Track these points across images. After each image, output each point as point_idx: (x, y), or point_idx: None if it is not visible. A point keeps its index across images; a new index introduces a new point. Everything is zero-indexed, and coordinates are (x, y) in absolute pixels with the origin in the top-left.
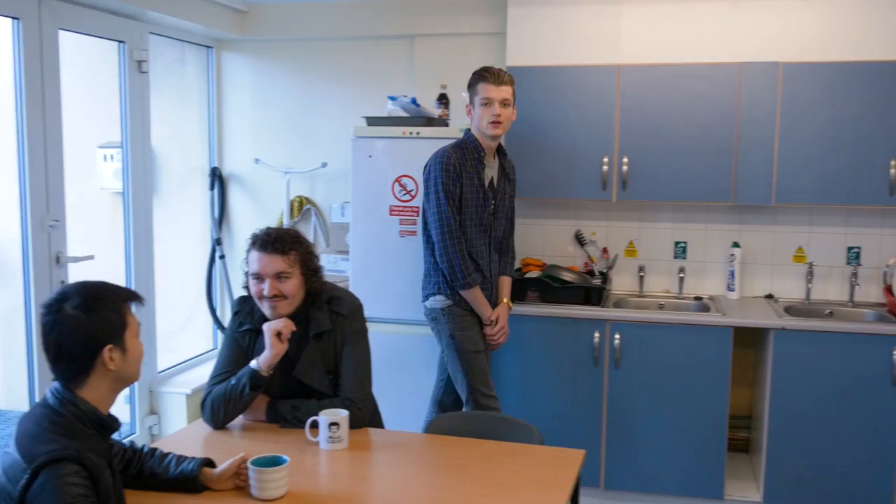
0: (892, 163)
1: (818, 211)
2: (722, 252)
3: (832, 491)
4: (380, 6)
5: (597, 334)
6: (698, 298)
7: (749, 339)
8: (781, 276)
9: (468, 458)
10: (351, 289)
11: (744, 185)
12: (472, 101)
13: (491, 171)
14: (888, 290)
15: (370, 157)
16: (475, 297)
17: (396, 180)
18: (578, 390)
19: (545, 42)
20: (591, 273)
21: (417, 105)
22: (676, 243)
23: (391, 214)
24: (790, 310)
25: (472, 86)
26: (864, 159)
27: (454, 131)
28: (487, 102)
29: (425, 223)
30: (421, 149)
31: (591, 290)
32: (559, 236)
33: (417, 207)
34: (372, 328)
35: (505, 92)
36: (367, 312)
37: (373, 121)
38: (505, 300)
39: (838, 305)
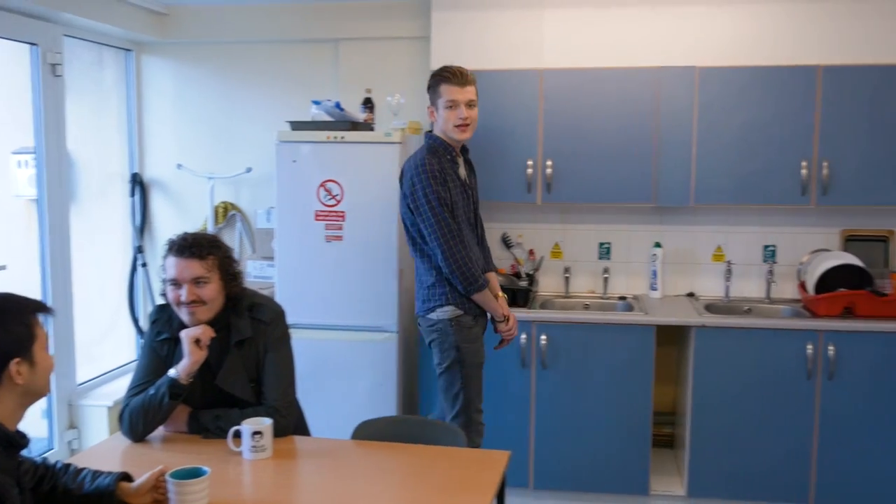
0: (804, 164)
1: (735, 211)
2: (644, 252)
3: (753, 482)
4: (304, 9)
5: (524, 336)
6: (622, 298)
7: (672, 337)
8: (702, 274)
9: (394, 463)
10: (277, 294)
11: (664, 186)
12: (434, 104)
13: (462, 170)
14: (802, 286)
15: (294, 161)
16: (487, 297)
17: (322, 185)
18: (507, 392)
19: (469, 46)
20: (517, 275)
21: (342, 109)
22: (601, 244)
23: (317, 219)
24: (710, 307)
25: (432, 87)
26: (777, 161)
27: (379, 135)
28: (453, 105)
29: (413, 238)
30: (345, 153)
31: (517, 292)
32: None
33: (343, 212)
34: (298, 334)
35: (470, 93)
36: (293, 318)
37: (297, 125)
38: (500, 294)
39: (756, 302)
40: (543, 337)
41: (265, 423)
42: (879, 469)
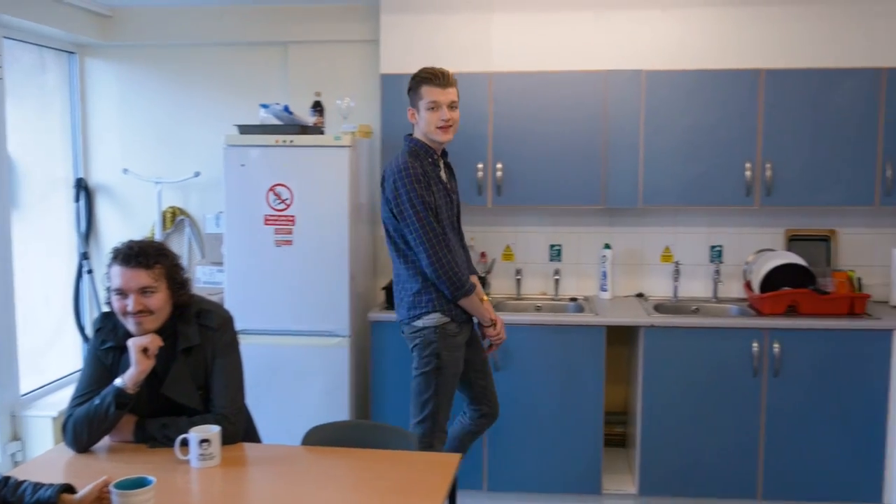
0: (748, 165)
1: (682, 212)
2: (595, 254)
3: (702, 479)
4: (252, 12)
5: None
6: (573, 299)
7: (622, 337)
8: (651, 275)
9: (344, 468)
10: (226, 300)
11: (613, 188)
12: (415, 106)
13: (443, 173)
14: (748, 285)
15: (243, 166)
16: (474, 302)
17: (271, 189)
18: (459, 395)
19: (418, 50)
20: None
21: (290, 113)
22: (551, 246)
23: (266, 224)
24: (659, 307)
25: (413, 89)
26: (722, 162)
27: (329, 139)
28: (434, 106)
29: (396, 244)
30: (295, 157)
31: None
32: None
33: (293, 216)
34: (248, 340)
35: (451, 94)
36: (243, 324)
37: (245, 129)
38: (485, 297)
39: (704, 302)
40: None
41: (213, 431)
42: (823, 462)
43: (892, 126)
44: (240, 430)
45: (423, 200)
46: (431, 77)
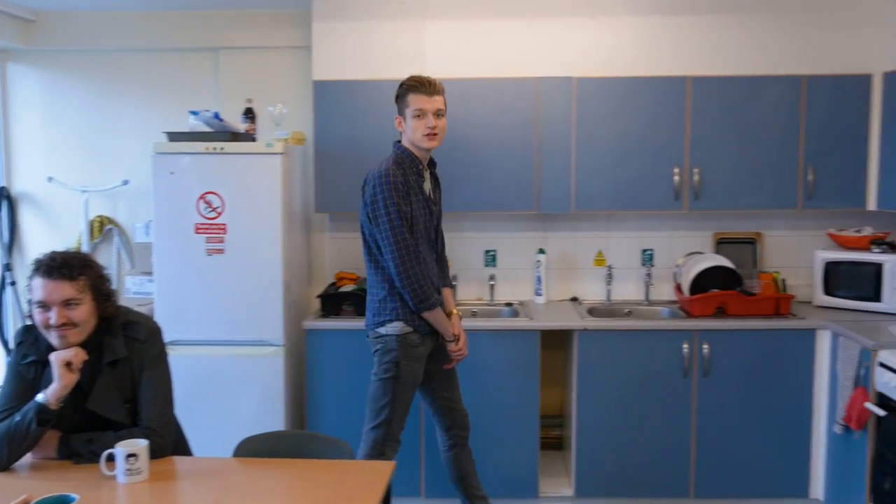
0: (676, 170)
1: (614, 217)
2: (529, 259)
3: (637, 479)
4: (181, 17)
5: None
6: (509, 304)
7: (557, 341)
8: (584, 279)
9: (277, 479)
10: (157, 311)
11: (546, 194)
12: (402, 114)
13: (427, 184)
14: (678, 288)
15: (172, 173)
16: (438, 317)
17: (201, 197)
18: (426, 408)
19: (351, 56)
20: None
21: (221, 120)
22: (486, 251)
23: (197, 232)
24: (592, 311)
25: (401, 97)
26: (651, 168)
27: (260, 146)
28: (420, 114)
29: (370, 248)
30: (226, 164)
31: None
32: None
33: (224, 225)
34: (180, 350)
35: (438, 102)
36: (174, 334)
37: (174, 136)
38: (455, 311)
39: (636, 304)
40: None
41: (140, 445)
42: (752, 459)
43: (813, 132)
44: (169, 443)
45: (399, 209)
46: (418, 85)
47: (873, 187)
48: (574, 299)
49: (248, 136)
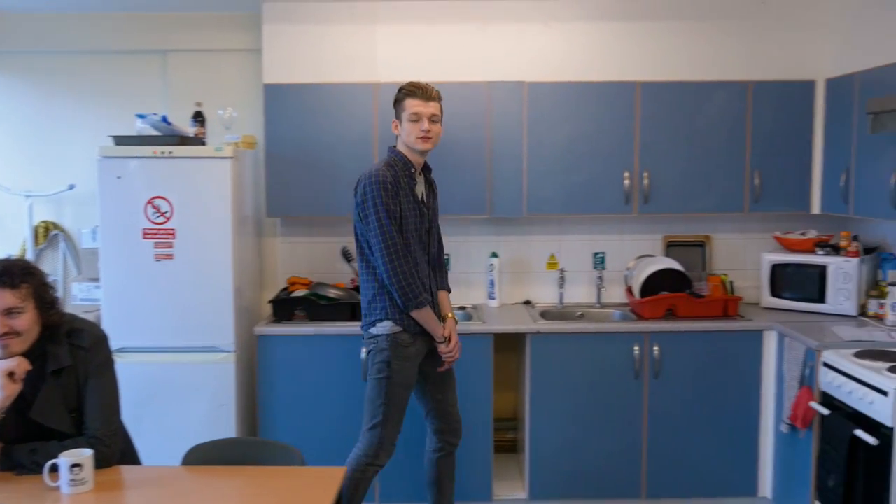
0: (626, 174)
1: (566, 221)
2: (482, 262)
3: (590, 480)
4: (129, 19)
5: (364, 350)
6: (462, 308)
7: (511, 344)
8: (537, 282)
9: (226, 487)
10: (104, 317)
11: (498, 198)
12: (398, 118)
13: (420, 188)
14: (629, 290)
15: (119, 178)
16: (427, 316)
17: (149, 202)
18: (350, 407)
19: (303, 60)
20: (357, 289)
21: (169, 123)
22: None
23: (145, 238)
24: (545, 314)
25: (398, 102)
26: (602, 172)
27: (210, 150)
28: (416, 118)
29: (362, 248)
30: (174, 169)
31: (357, 306)
32: (326, 254)
33: (173, 230)
34: (128, 358)
35: (433, 107)
36: (122, 342)
37: (121, 140)
38: (450, 314)
39: (588, 307)
40: None
41: (85, 455)
42: (702, 459)
43: (759, 137)
44: (115, 452)
45: (388, 208)
46: (415, 90)
47: (817, 191)
48: (527, 302)
49: (198, 140)
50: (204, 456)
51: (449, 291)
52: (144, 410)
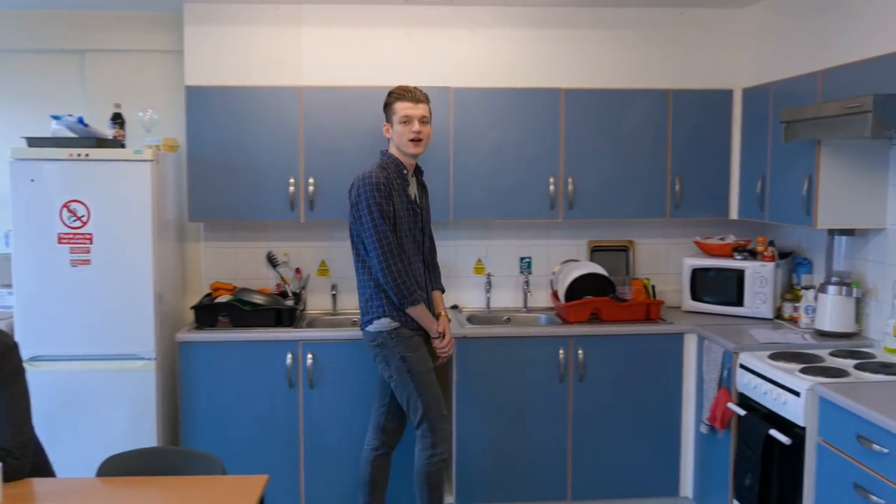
0: (551, 180)
1: (493, 226)
2: None
3: (517, 484)
4: (44, 17)
5: (290, 355)
6: None
7: None
8: (464, 287)
9: (143, 499)
10: (17, 325)
11: None
12: (389, 121)
13: (413, 189)
14: (555, 294)
15: (33, 181)
16: (422, 313)
17: (65, 206)
18: (275, 413)
19: (226, 62)
20: (283, 294)
21: (85, 125)
22: None
23: (60, 243)
24: (472, 319)
25: (388, 105)
26: (528, 177)
27: (128, 153)
28: (407, 120)
29: (357, 248)
30: (91, 172)
31: (282, 312)
32: (251, 259)
33: (90, 234)
34: (43, 366)
35: (423, 109)
36: (36, 350)
37: (34, 142)
38: (443, 312)
39: (515, 312)
40: (310, 356)
41: None
42: (625, 460)
43: (679, 144)
44: (26, 464)
45: (381, 209)
46: (404, 94)
47: (735, 197)
48: (454, 307)
49: (117, 143)
50: (120, 467)
51: (443, 291)
52: (60, 421)
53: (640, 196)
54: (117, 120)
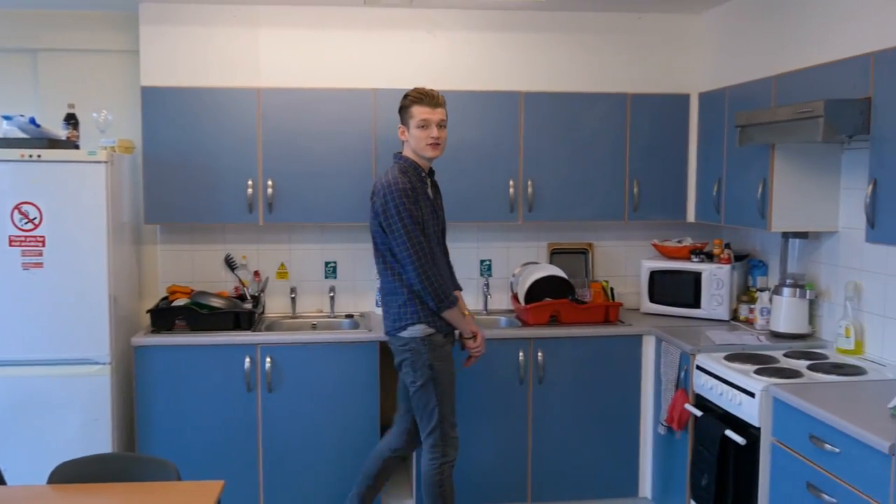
0: (511, 183)
1: (453, 228)
2: (370, 270)
3: (477, 485)
4: None
5: (248, 359)
6: (350, 316)
7: None
8: None
9: None
10: None
11: None
12: (405, 124)
13: (429, 190)
14: (515, 297)
15: None
16: (456, 315)
17: (16, 208)
18: (233, 418)
19: (183, 62)
20: (242, 297)
21: (37, 125)
22: (326, 263)
23: (11, 245)
24: None
25: (405, 109)
26: (488, 180)
27: (82, 154)
28: (425, 125)
29: (384, 257)
30: (44, 173)
31: (241, 315)
32: (209, 261)
33: (42, 237)
34: None
35: (440, 113)
36: None
37: None
38: (467, 312)
39: (476, 313)
40: (269, 359)
41: None
42: (585, 462)
43: (638, 147)
44: None
45: (411, 214)
46: (422, 97)
47: (692, 200)
48: None
49: (70, 144)
50: (72, 473)
51: (461, 290)
52: (11, 427)
53: (599, 199)
54: (71, 120)
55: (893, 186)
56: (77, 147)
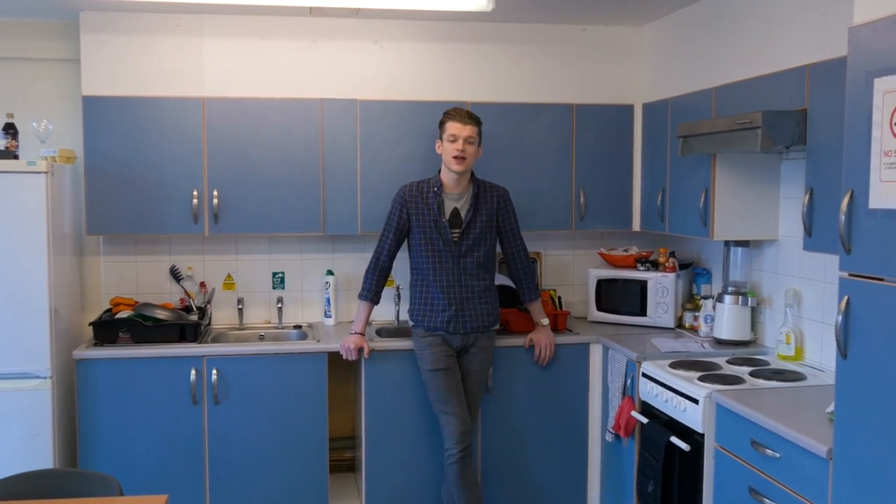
0: None
1: None
2: (318, 280)
3: (425, 496)
4: None
5: (193, 371)
6: (298, 327)
7: (348, 362)
8: None
9: None
10: None
11: (332, 215)
12: (441, 138)
13: (454, 202)
14: None
15: None
16: (359, 310)
17: None
18: (178, 432)
19: (126, 72)
20: (187, 309)
21: None
22: (274, 274)
23: None
24: (381, 332)
25: (441, 124)
26: None
27: (21, 164)
28: (453, 139)
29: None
30: None
31: (186, 327)
32: (153, 273)
33: None
34: None
35: (470, 130)
36: None
37: None
38: (541, 320)
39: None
40: (215, 371)
41: None
42: (535, 471)
43: (583, 157)
44: None
45: (390, 216)
46: (455, 114)
47: (637, 209)
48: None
49: (9, 154)
50: (11, 490)
51: (536, 299)
52: None
53: (546, 208)
54: (10, 130)
55: (829, 196)
56: (16, 157)
